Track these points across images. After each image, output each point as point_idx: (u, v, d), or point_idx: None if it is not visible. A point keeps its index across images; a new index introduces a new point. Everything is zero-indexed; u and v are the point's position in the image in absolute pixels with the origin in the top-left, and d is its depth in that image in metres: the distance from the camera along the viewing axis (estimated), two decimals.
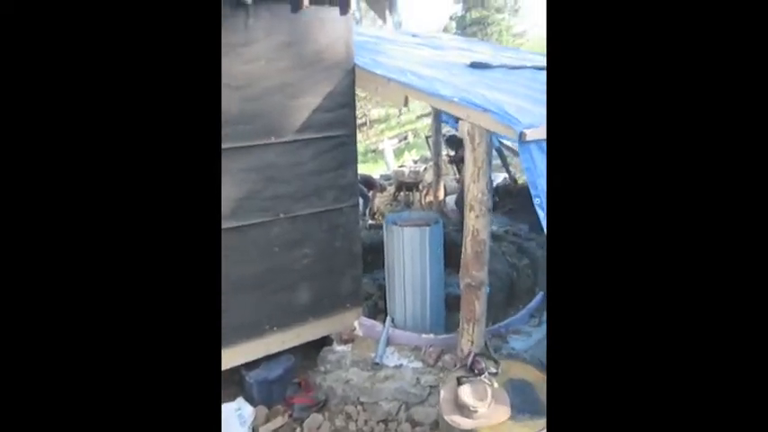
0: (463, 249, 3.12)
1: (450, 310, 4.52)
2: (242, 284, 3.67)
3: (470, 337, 3.21)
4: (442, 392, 2.56)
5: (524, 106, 3.16)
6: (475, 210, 3.03)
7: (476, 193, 3.00)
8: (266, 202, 3.65)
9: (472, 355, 2.77)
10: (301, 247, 3.88)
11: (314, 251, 3.93)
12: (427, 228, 4.01)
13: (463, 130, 3.00)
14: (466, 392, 2.43)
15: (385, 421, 3.71)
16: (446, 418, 2.40)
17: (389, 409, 3.74)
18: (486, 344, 3.36)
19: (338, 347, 4.10)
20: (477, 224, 3.04)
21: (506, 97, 3.38)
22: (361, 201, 7.68)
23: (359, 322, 4.25)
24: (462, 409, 2.40)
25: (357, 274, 4.21)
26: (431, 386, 3.68)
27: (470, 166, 2.99)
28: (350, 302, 4.21)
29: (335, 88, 3.68)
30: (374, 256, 6.01)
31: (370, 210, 7.80)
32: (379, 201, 8.43)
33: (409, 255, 4.07)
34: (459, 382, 2.50)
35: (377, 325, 4.19)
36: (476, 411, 2.38)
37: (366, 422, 3.71)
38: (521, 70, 4.70)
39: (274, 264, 3.79)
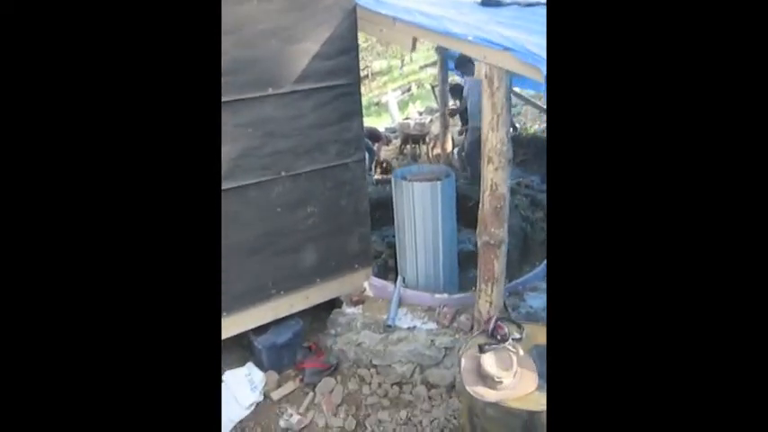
0: (480, 205, 2.84)
1: (462, 267, 4.28)
2: (244, 248, 3.42)
3: (489, 297, 2.97)
4: (463, 362, 2.34)
5: (545, 44, 2.79)
6: (493, 162, 2.72)
7: (494, 143, 2.68)
8: (265, 160, 3.35)
9: (494, 319, 2.53)
10: (305, 207, 3.60)
11: (319, 210, 3.66)
12: (438, 182, 3.71)
13: (480, 73, 2.65)
14: (489, 362, 2.20)
15: (399, 384, 3.54)
16: (468, 389, 2.18)
17: (404, 372, 3.55)
18: (504, 305, 3.13)
19: (348, 309, 3.89)
20: (496, 177, 2.73)
21: (524, 35, 3.00)
22: (366, 155, 7.36)
23: (369, 283, 4.02)
24: (486, 379, 2.17)
25: (365, 233, 3.95)
26: (446, 348, 3.49)
27: (488, 113, 2.67)
28: (359, 262, 3.97)
29: (336, 31, 3.31)
30: (382, 212, 5.74)
31: (377, 163, 7.48)
32: (385, 154, 8.09)
33: (420, 211, 3.78)
34: (482, 351, 2.26)
35: (388, 285, 3.96)
36: (501, 382, 2.15)
37: (380, 385, 3.54)
38: (534, 7, 4.27)
39: (277, 225, 3.52)
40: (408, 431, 3.20)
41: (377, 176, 7.04)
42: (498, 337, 2.37)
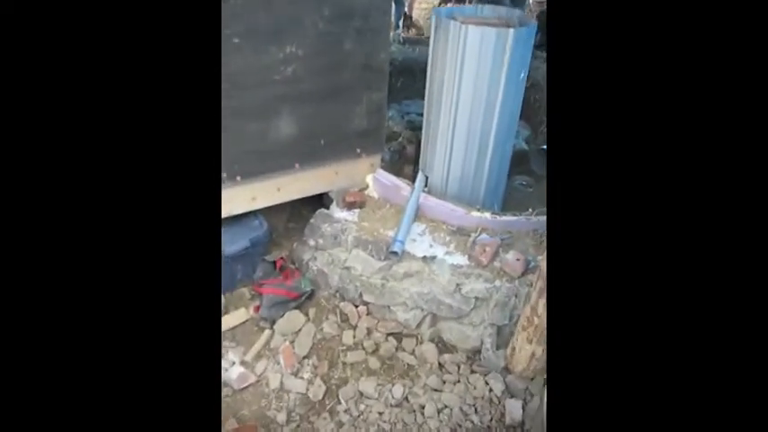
0: None
1: (513, 173, 2.81)
2: None
3: None
4: None
5: None
6: None
7: None
8: None
9: None
10: (282, 44, 2.05)
11: (306, 52, 2.11)
12: (510, 30, 2.10)
13: None
14: None
15: (398, 335, 2.27)
16: None
17: (407, 321, 2.26)
18: None
19: (339, 213, 2.51)
20: None
21: None
22: (392, 6, 5.51)
23: (374, 177, 2.59)
24: None
25: (379, 101, 2.43)
26: (477, 298, 2.15)
27: None
28: (362, 146, 2.51)
29: None
30: (407, 79, 4.17)
31: (406, 19, 5.64)
32: (419, 11, 6.18)
33: (472, 74, 2.22)
34: None
35: (401, 186, 2.53)
36: None
37: (369, 333, 2.27)
38: None
39: (233, 70, 1.99)
40: (401, 418, 1.97)
41: (403, 35, 5.26)
42: None
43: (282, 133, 2.26)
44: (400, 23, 5.51)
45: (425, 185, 2.56)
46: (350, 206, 2.52)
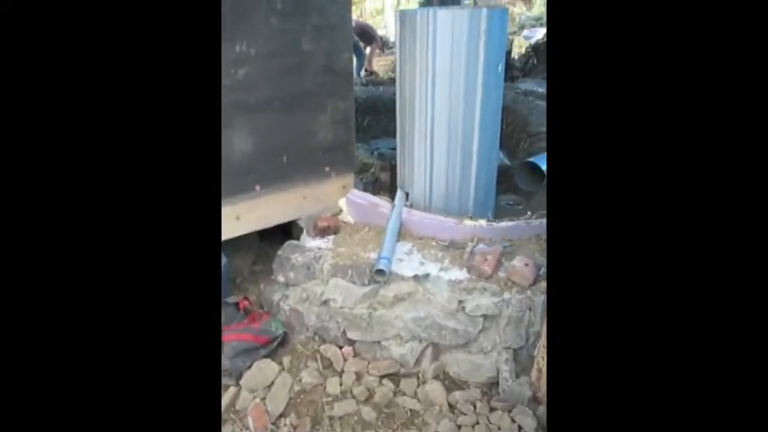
0: None
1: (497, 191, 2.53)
2: None
3: None
4: None
5: None
6: None
7: None
8: None
9: None
10: (232, 42, 1.79)
11: (259, 52, 1.85)
12: (483, 10, 1.90)
13: None
14: None
15: (395, 376, 1.85)
16: None
17: (404, 357, 1.86)
18: None
19: (310, 242, 2.14)
20: None
21: None
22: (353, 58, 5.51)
23: (347, 199, 2.26)
24: None
25: (346, 109, 2.16)
26: (485, 316, 1.78)
27: None
28: (331, 164, 2.21)
29: None
30: (372, 118, 3.99)
31: (366, 71, 5.60)
32: (378, 64, 6.19)
33: (446, 68, 1.99)
34: None
35: (379, 203, 2.21)
36: None
37: (359, 377, 1.84)
38: None
39: None
40: None
41: (366, 78, 5.18)
42: None
43: (237, 149, 1.95)
44: (361, 73, 5.46)
45: (407, 201, 2.25)
46: (323, 232, 2.16)
